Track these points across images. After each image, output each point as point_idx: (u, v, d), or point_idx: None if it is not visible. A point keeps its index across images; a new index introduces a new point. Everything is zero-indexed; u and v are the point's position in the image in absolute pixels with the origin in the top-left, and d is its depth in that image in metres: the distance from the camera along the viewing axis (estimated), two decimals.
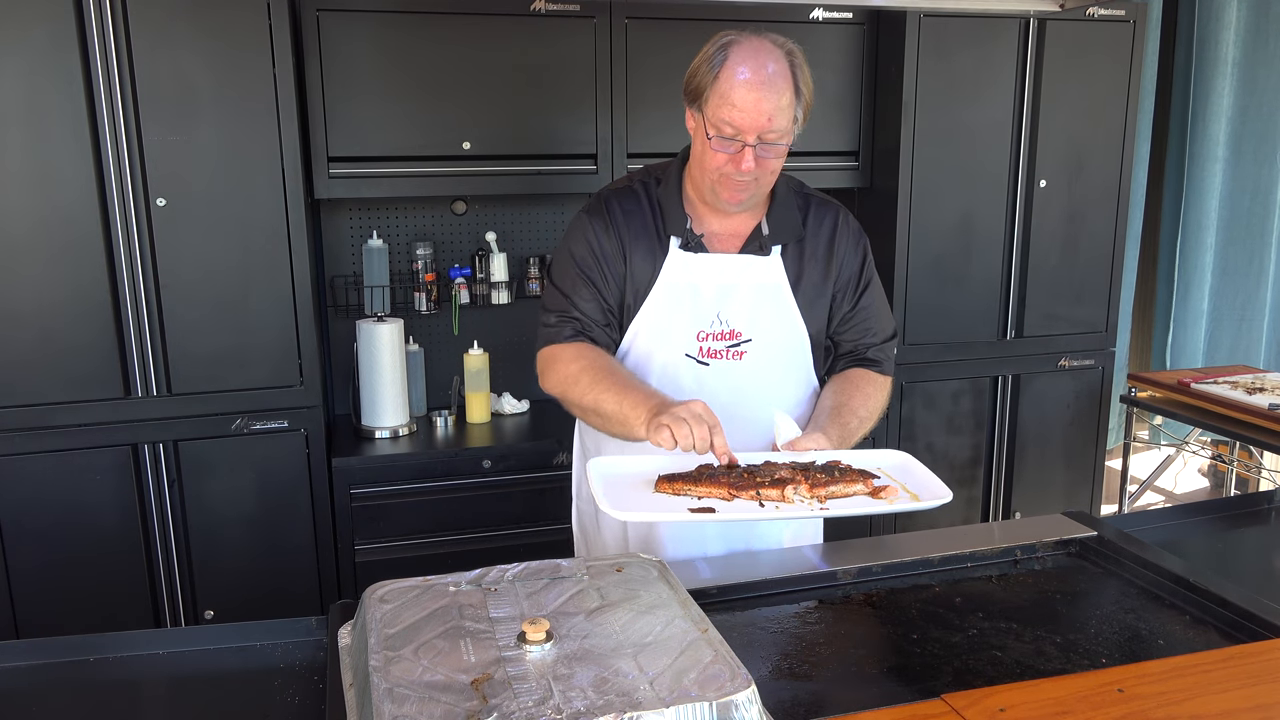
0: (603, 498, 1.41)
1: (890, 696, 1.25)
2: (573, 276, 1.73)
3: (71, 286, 2.44)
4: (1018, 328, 3.24)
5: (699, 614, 1.18)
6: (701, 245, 1.72)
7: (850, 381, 1.77)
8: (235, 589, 2.68)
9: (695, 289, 1.72)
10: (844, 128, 3.10)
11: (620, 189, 1.78)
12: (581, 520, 1.99)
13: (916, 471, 1.57)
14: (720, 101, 1.57)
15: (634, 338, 1.74)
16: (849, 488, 1.47)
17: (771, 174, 1.66)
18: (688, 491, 1.44)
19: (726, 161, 1.60)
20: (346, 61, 2.67)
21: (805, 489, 1.43)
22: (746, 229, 1.74)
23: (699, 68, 1.62)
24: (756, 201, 1.71)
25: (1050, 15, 3.05)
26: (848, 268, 1.79)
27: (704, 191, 1.69)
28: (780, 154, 1.63)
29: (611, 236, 1.72)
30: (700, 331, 1.72)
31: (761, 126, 1.57)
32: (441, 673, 1.05)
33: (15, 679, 1.37)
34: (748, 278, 1.73)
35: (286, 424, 2.65)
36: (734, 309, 1.72)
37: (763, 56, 1.57)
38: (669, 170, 1.77)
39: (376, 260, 2.96)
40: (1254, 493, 3.33)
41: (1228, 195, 4.06)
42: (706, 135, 1.61)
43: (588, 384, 1.63)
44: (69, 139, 2.37)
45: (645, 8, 2.84)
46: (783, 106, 1.57)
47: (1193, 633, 1.42)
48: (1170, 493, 4.57)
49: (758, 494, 1.42)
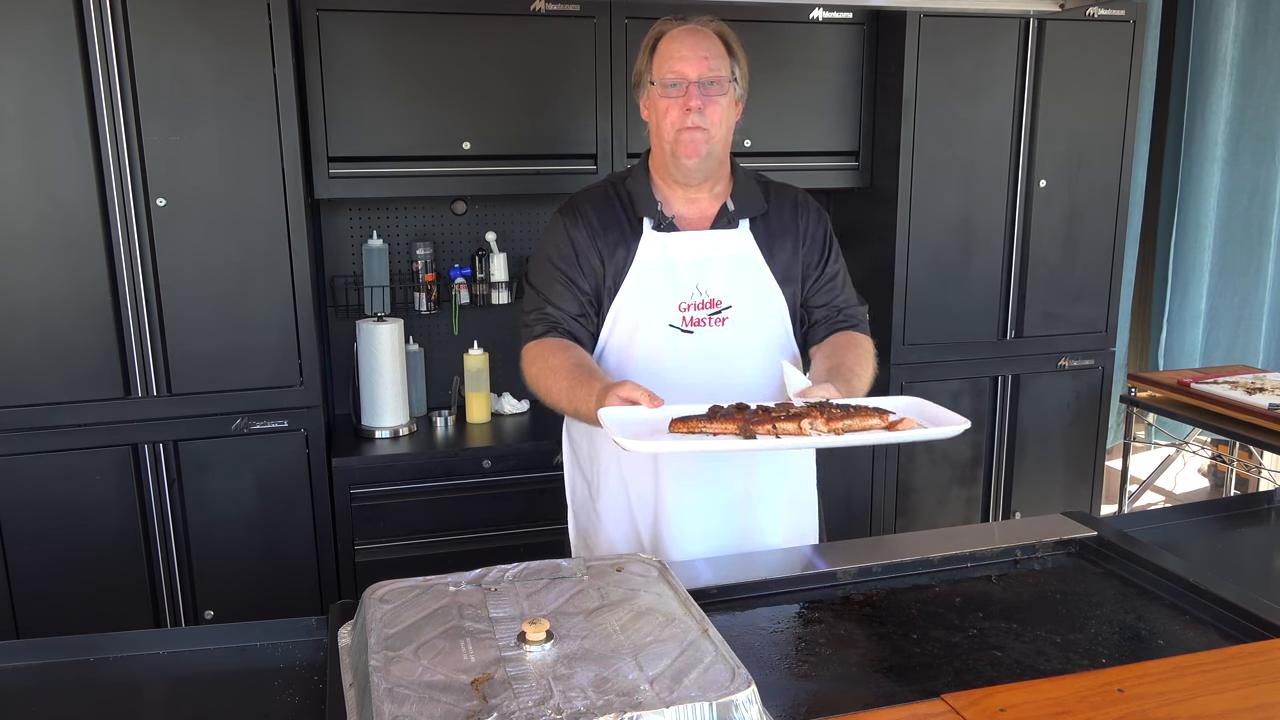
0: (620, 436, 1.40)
1: (890, 696, 1.25)
2: (547, 275, 1.82)
3: (72, 286, 2.44)
4: (1017, 327, 3.25)
5: (699, 614, 1.18)
6: (673, 225, 1.82)
7: (839, 344, 1.82)
8: (235, 589, 2.68)
9: (672, 264, 1.80)
10: (844, 128, 3.10)
11: (590, 190, 1.89)
12: (578, 520, 1.98)
13: (929, 409, 1.54)
14: (661, 61, 1.74)
15: (618, 313, 1.80)
16: (865, 421, 1.45)
17: (720, 124, 1.75)
18: (702, 429, 1.44)
19: (679, 113, 1.72)
20: (346, 61, 2.67)
21: (822, 422, 1.43)
22: (713, 209, 1.84)
23: (641, 55, 1.80)
24: (714, 162, 1.79)
25: (1050, 15, 3.05)
26: (815, 236, 1.88)
27: (667, 163, 1.79)
28: (724, 93, 1.74)
29: (582, 230, 1.81)
30: (681, 302, 1.79)
31: (700, 68, 1.71)
32: (441, 673, 1.05)
33: (15, 679, 1.37)
34: (721, 250, 1.82)
35: (286, 424, 2.65)
36: (711, 279, 1.80)
37: (691, 26, 1.75)
38: (636, 166, 1.88)
39: (376, 260, 2.96)
40: (1254, 493, 3.33)
41: (1226, 195, 4.05)
42: (656, 93, 1.75)
43: (551, 379, 1.73)
44: (69, 139, 2.37)
45: (645, 8, 2.84)
46: (717, 54, 1.73)
47: (1193, 633, 1.43)
48: (1170, 493, 4.57)
49: (774, 428, 1.43)
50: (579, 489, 1.96)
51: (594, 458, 1.89)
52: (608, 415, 1.49)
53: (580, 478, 1.95)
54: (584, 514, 1.95)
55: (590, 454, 1.90)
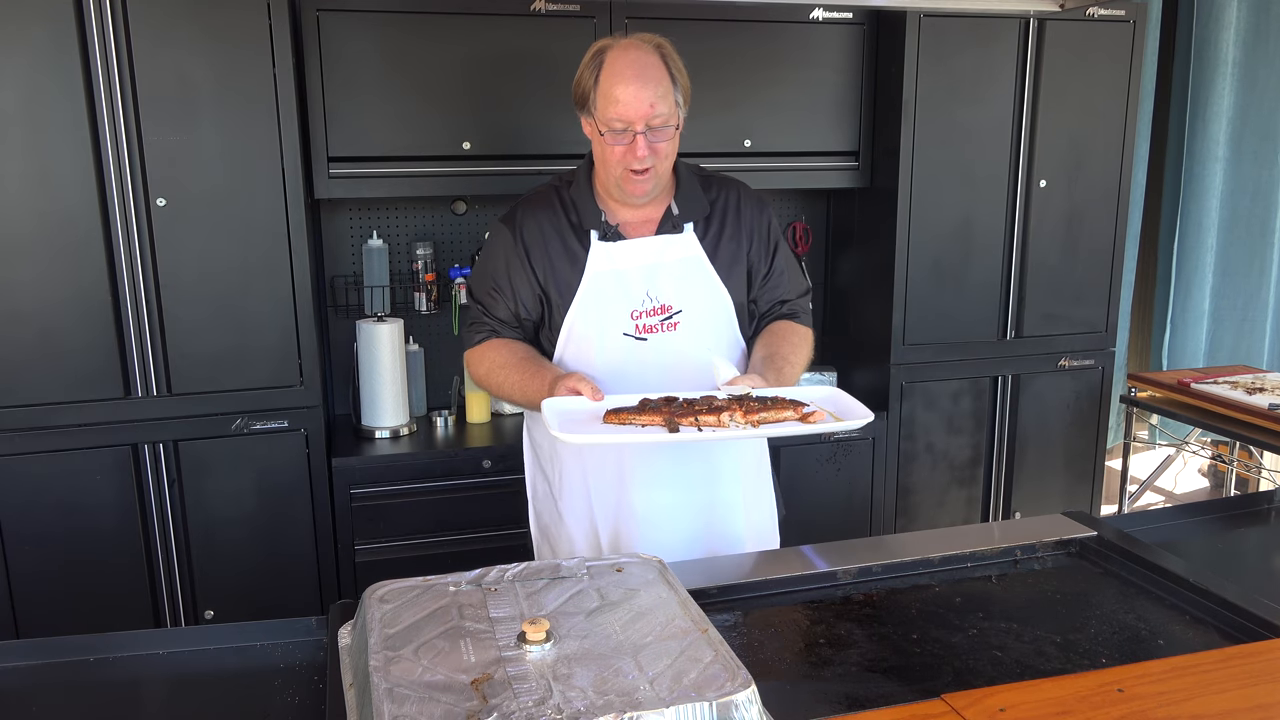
0: (555, 426, 1.52)
1: (890, 696, 1.25)
2: (486, 289, 1.89)
3: (72, 286, 2.44)
4: (1017, 328, 3.24)
5: (699, 614, 1.18)
6: (619, 234, 1.85)
7: (775, 333, 1.91)
8: (235, 589, 2.68)
9: (621, 274, 1.83)
10: (844, 128, 3.10)
11: (534, 197, 1.91)
12: (540, 520, 2.01)
13: (842, 400, 1.67)
14: (605, 102, 1.72)
15: (572, 326, 1.84)
16: (780, 414, 1.56)
17: (666, 159, 1.78)
18: (631, 420, 1.57)
19: (624, 153, 1.74)
20: (346, 61, 2.66)
21: (740, 415, 1.54)
22: (657, 214, 1.87)
23: (581, 77, 1.78)
24: (659, 190, 1.84)
25: (1050, 15, 3.06)
26: (758, 234, 1.92)
27: (611, 189, 1.82)
28: (669, 137, 1.76)
29: (518, 248, 1.84)
30: (633, 310, 1.83)
31: (646, 114, 1.71)
32: (441, 673, 1.05)
33: (15, 679, 1.37)
34: (668, 255, 1.85)
35: (286, 424, 2.65)
36: (661, 285, 1.83)
37: (634, 53, 1.73)
38: (578, 172, 1.90)
39: (376, 260, 2.96)
40: (1254, 493, 3.33)
41: (1228, 195, 4.05)
42: (600, 134, 1.75)
43: (501, 375, 1.83)
44: (69, 139, 2.37)
45: (645, 8, 2.83)
46: (661, 94, 1.72)
47: (1193, 633, 1.43)
48: (1170, 493, 4.57)
49: (696, 421, 1.55)
50: (539, 487, 2.00)
51: (554, 456, 1.92)
52: (549, 406, 1.61)
53: (540, 475, 1.99)
54: (546, 512, 1.98)
55: (551, 452, 1.94)
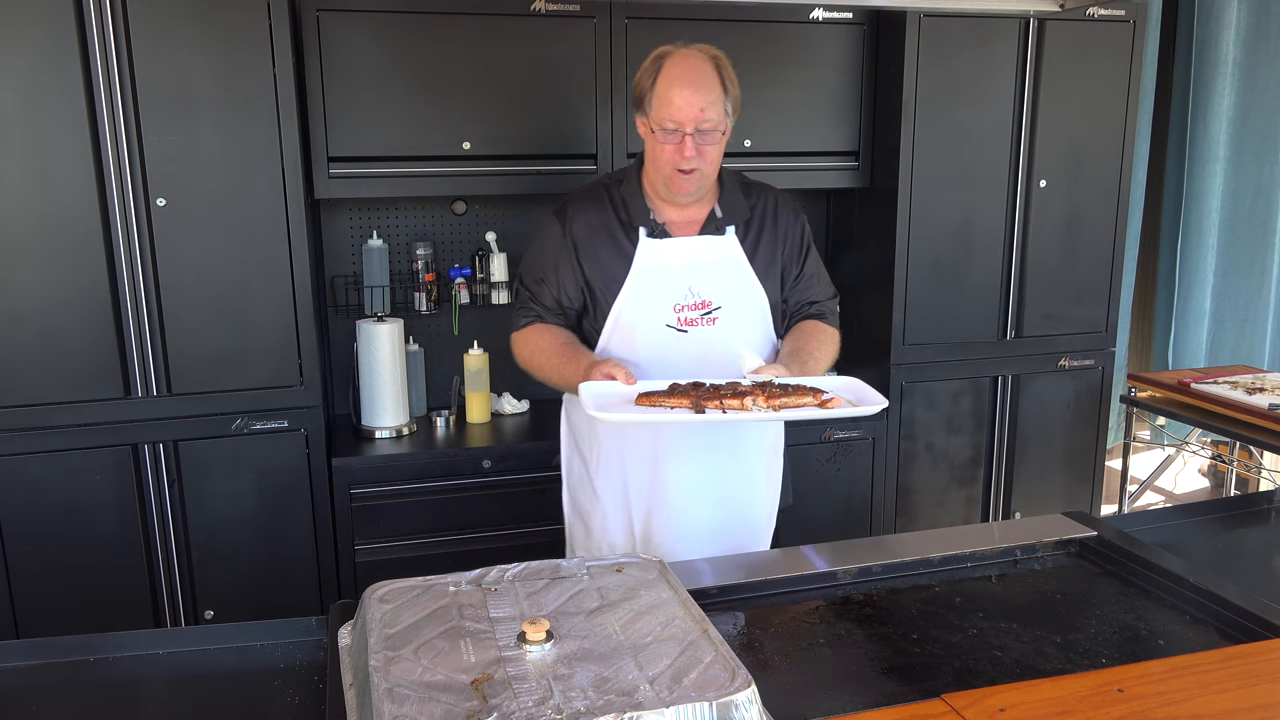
0: (591, 406, 1.65)
1: (890, 696, 1.25)
2: (534, 278, 2.03)
3: (71, 286, 2.44)
4: (1017, 328, 3.24)
5: (699, 614, 1.18)
6: (666, 232, 1.97)
7: (804, 331, 2.05)
8: (235, 589, 2.68)
9: (666, 269, 1.95)
10: (844, 128, 3.10)
11: (585, 193, 2.03)
12: (575, 499, 2.11)
13: (859, 388, 1.78)
14: (660, 103, 1.85)
15: (619, 314, 1.95)
16: (800, 399, 1.67)
17: (712, 163, 1.90)
18: (661, 403, 1.69)
19: (673, 153, 1.85)
20: (346, 61, 2.67)
21: (762, 400, 1.66)
22: (702, 215, 2.00)
23: (641, 79, 1.90)
24: (704, 191, 1.96)
25: (1050, 15, 3.05)
26: (791, 238, 2.05)
27: (659, 188, 1.94)
28: (716, 142, 1.88)
29: (566, 241, 1.97)
30: (676, 304, 1.95)
31: (696, 118, 1.83)
32: (441, 673, 1.05)
33: (15, 679, 1.37)
34: (710, 255, 1.98)
35: (286, 424, 2.65)
36: (703, 282, 1.96)
37: (691, 60, 1.86)
38: (629, 172, 2.02)
39: (376, 260, 2.96)
40: (1254, 493, 3.33)
41: (1229, 195, 4.05)
42: (652, 132, 1.88)
43: (542, 358, 1.96)
44: (69, 139, 2.37)
45: (645, 8, 2.84)
46: (712, 100, 1.84)
47: (1193, 633, 1.43)
48: (1170, 493, 4.57)
49: (721, 404, 1.66)
50: (575, 467, 2.10)
51: (593, 436, 2.03)
52: (586, 389, 1.74)
53: (577, 456, 2.10)
54: (581, 490, 2.08)
55: (590, 433, 2.04)
